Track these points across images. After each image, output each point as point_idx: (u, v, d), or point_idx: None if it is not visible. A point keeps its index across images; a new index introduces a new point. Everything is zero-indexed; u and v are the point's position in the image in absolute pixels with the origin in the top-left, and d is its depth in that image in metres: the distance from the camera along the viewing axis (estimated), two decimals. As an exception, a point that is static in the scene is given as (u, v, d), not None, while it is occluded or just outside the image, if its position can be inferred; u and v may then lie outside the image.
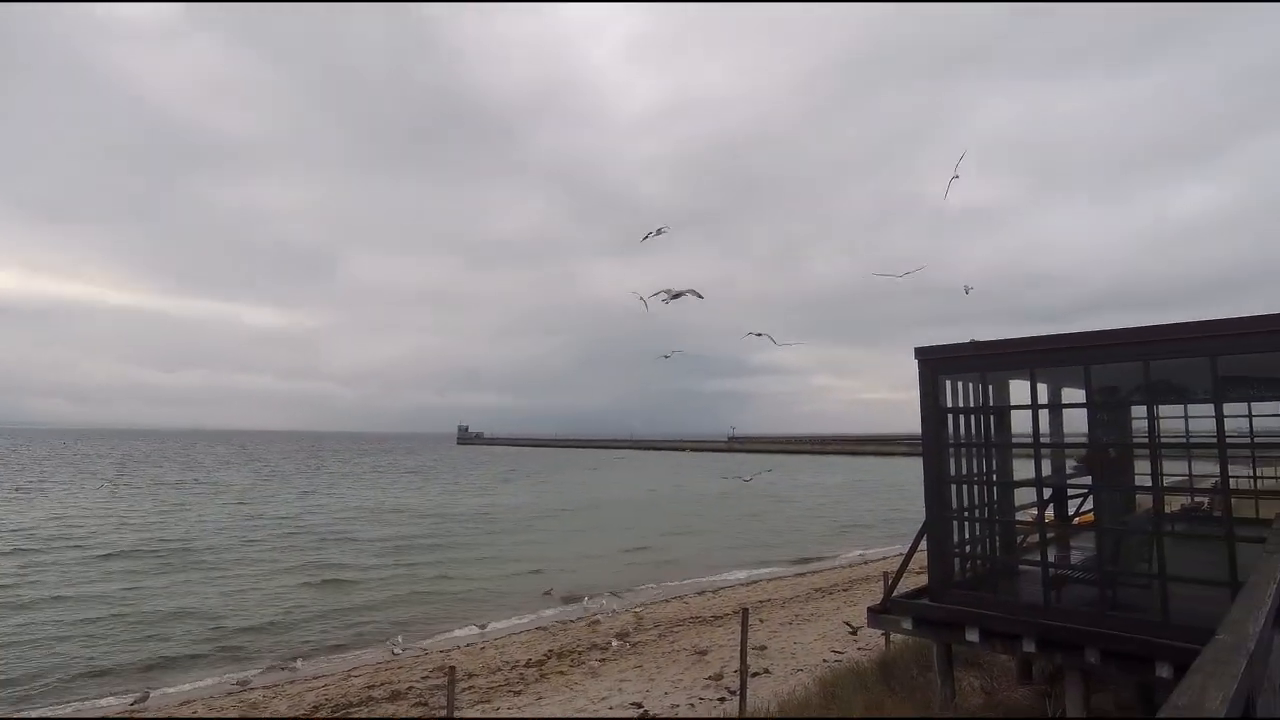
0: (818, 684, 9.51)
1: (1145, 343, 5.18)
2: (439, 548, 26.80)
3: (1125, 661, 5.23)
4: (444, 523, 33.91)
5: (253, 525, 30.31)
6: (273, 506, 38.56)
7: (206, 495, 44.59)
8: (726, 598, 18.63)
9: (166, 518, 33.00)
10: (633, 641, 13.73)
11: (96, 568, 21.26)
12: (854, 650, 11.96)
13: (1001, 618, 5.71)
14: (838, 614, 15.40)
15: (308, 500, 42.11)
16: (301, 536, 27.48)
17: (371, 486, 54.12)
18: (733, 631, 13.45)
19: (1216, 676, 1.78)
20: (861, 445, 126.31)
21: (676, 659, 12.16)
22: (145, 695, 11.60)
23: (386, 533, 29.89)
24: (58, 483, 51.12)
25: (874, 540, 30.59)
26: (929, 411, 6.12)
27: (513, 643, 14.47)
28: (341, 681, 12.02)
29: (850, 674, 9.31)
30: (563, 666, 12.17)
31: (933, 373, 6.12)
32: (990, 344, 5.92)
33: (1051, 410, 6.43)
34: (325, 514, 35.33)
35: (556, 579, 21.33)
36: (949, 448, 6.24)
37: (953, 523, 6.30)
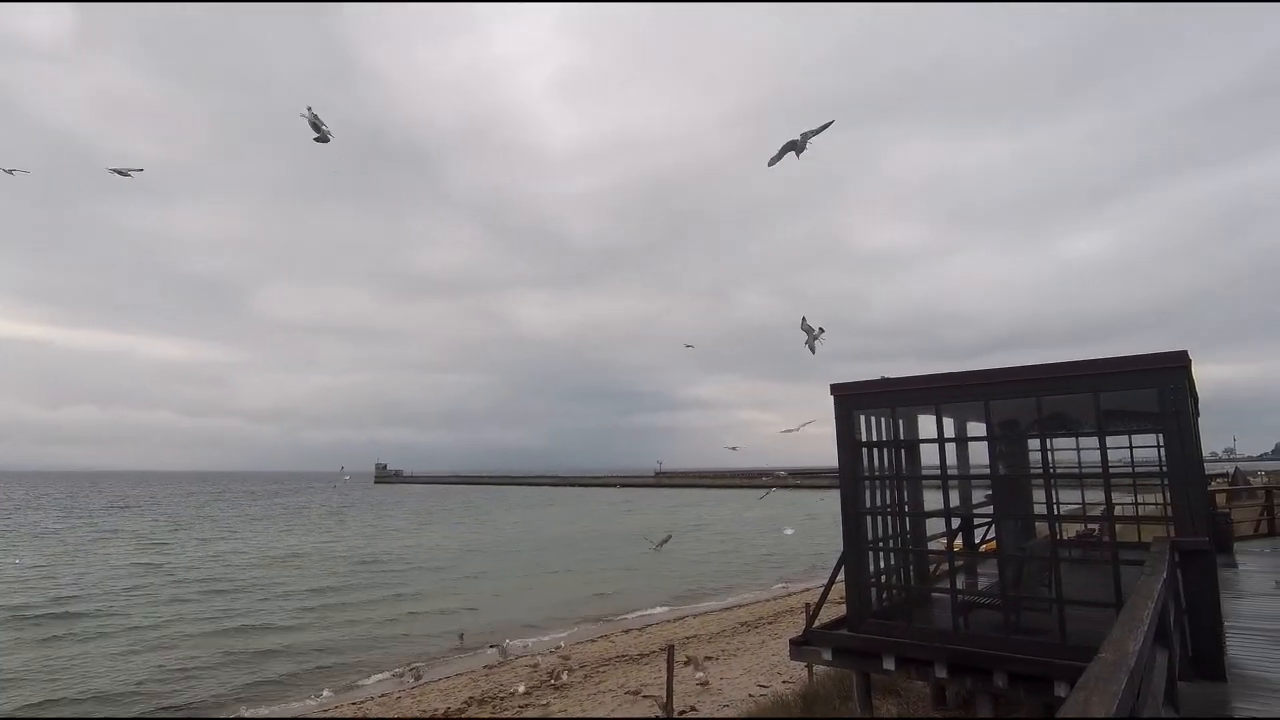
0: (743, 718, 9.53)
1: (1037, 380, 5.59)
2: (349, 591, 25.47)
3: (1030, 683, 5.49)
4: (354, 566, 32.29)
5: (144, 577, 27.89)
6: (167, 556, 35.75)
7: (91, 544, 40.98)
8: (654, 635, 18.46)
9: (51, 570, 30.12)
10: (558, 684, 13.37)
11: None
12: (779, 684, 12.04)
13: (915, 645, 5.91)
14: (763, 648, 15.50)
15: (208, 548, 39.25)
16: (196, 586, 25.49)
17: (280, 530, 51.03)
18: (660, 670, 13.31)
19: (1099, 692, 1.90)
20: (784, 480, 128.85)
21: (604, 701, 11.91)
22: None
23: (294, 580, 28.17)
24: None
25: (798, 573, 31.07)
26: (845, 445, 6.37)
27: (430, 691, 13.82)
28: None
29: (775, 707, 9.38)
30: (484, 714, 11.70)
31: (848, 408, 6.38)
32: (900, 380, 6.25)
33: (958, 443, 6.80)
34: (224, 562, 32.97)
35: (475, 621, 20.61)
36: (864, 480, 6.48)
37: (869, 553, 6.52)
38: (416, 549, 39.32)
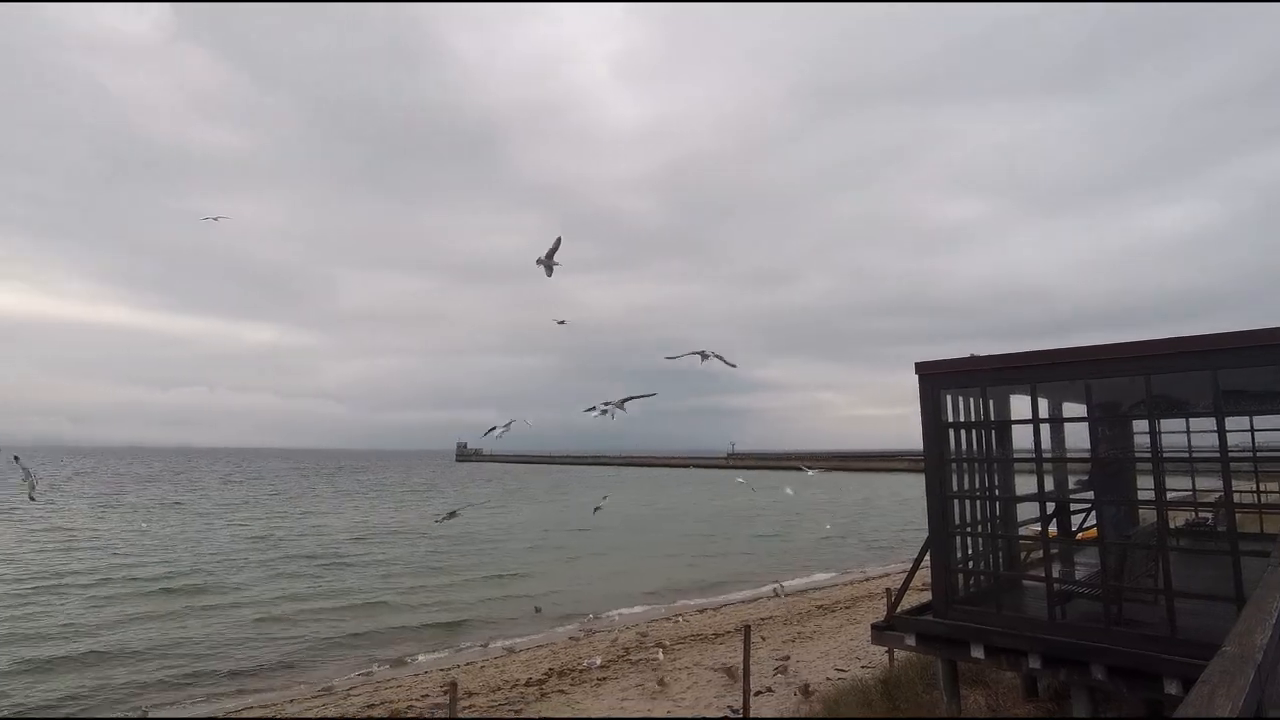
0: (821, 701, 9.44)
1: (1147, 357, 5.21)
2: (437, 565, 26.64)
3: (1132, 677, 5.20)
4: (440, 541, 33.72)
5: (259, 549, 29.88)
6: (275, 528, 38.30)
7: (209, 516, 44.42)
8: (728, 615, 18.51)
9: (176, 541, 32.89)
10: (634, 659, 13.62)
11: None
12: (858, 668, 11.86)
13: (1006, 634, 5.68)
14: (840, 632, 15.30)
15: (309, 520, 41.81)
16: (306, 560, 27.10)
17: (375, 505, 53.82)
18: (734, 649, 13.34)
19: (1224, 686, 1.78)
20: (865, 461, 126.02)
21: (678, 677, 12.06)
22: (144, 713, 11.48)
23: (385, 553, 29.70)
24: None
25: (876, 557, 30.45)
26: (930, 427, 6.14)
27: (513, 661, 14.35)
28: (341, 699, 11.91)
29: (854, 691, 9.24)
30: (563, 685, 12.06)
31: (933, 388, 6.14)
32: (991, 359, 5.95)
33: (1053, 425, 6.45)
34: (329, 535, 35.04)
35: (553, 596, 21.20)
36: (950, 463, 6.24)
37: (955, 538, 6.30)
38: (499, 526, 40.71)
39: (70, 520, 38.23)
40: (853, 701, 8.83)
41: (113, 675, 13.46)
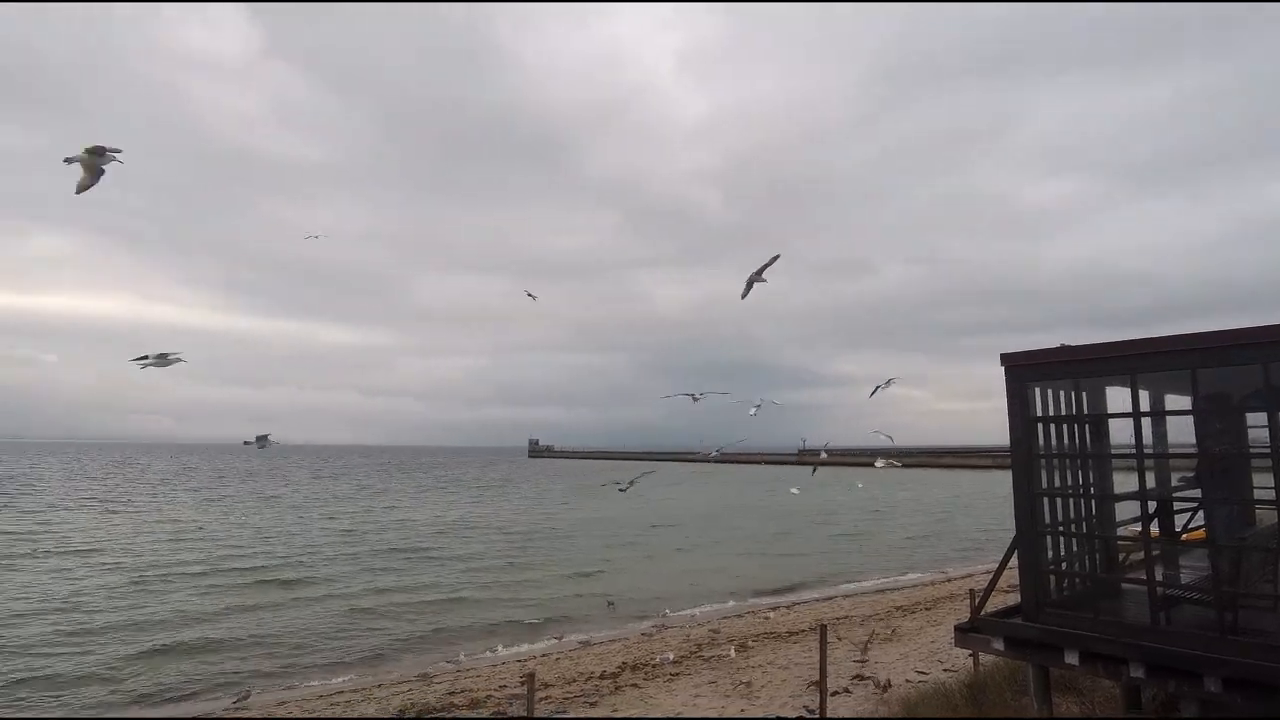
0: (900, 704, 9.16)
1: (1265, 344, 4.79)
2: (515, 558, 27.30)
3: (1251, 690, 4.80)
4: (517, 535, 34.54)
5: (347, 542, 31.26)
6: (361, 522, 40.08)
7: (301, 509, 46.95)
8: (802, 614, 18.22)
9: (273, 533, 34.95)
10: (706, 656, 13.58)
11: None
12: (939, 671, 11.45)
13: (1105, 640, 5.34)
14: (921, 633, 14.81)
15: (393, 515, 43.54)
16: (390, 554, 28.16)
17: (454, 500, 55.65)
18: (809, 649, 13.12)
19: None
20: (938, 458, 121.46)
21: (752, 674, 11.95)
22: (246, 694, 12.24)
23: (464, 547, 30.65)
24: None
25: (957, 557, 29.36)
26: (1018, 421, 5.82)
27: (587, 655, 14.56)
28: (423, 686, 12.37)
29: (936, 695, 8.93)
30: (637, 679, 12.15)
31: (1020, 380, 5.82)
32: (1084, 348, 5.60)
33: (1154, 418, 6.02)
34: (412, 529, 36.41)
35: (626, 591, 21.38)
36: (1040, 459, 5.92)
37: (1046, 538, 5.96)
38: (576, 520, 41.38)
39: (178, 513, 41.15)
40: (935, 705, 8.53)
41: (217, 661, 14.42)
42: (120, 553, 26.33)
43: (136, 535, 31.24)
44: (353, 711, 10.95)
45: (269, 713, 11.19)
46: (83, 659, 14.04)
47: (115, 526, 34.27)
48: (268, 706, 11.67)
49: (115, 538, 30.28)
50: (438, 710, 10.72)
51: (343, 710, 11.07)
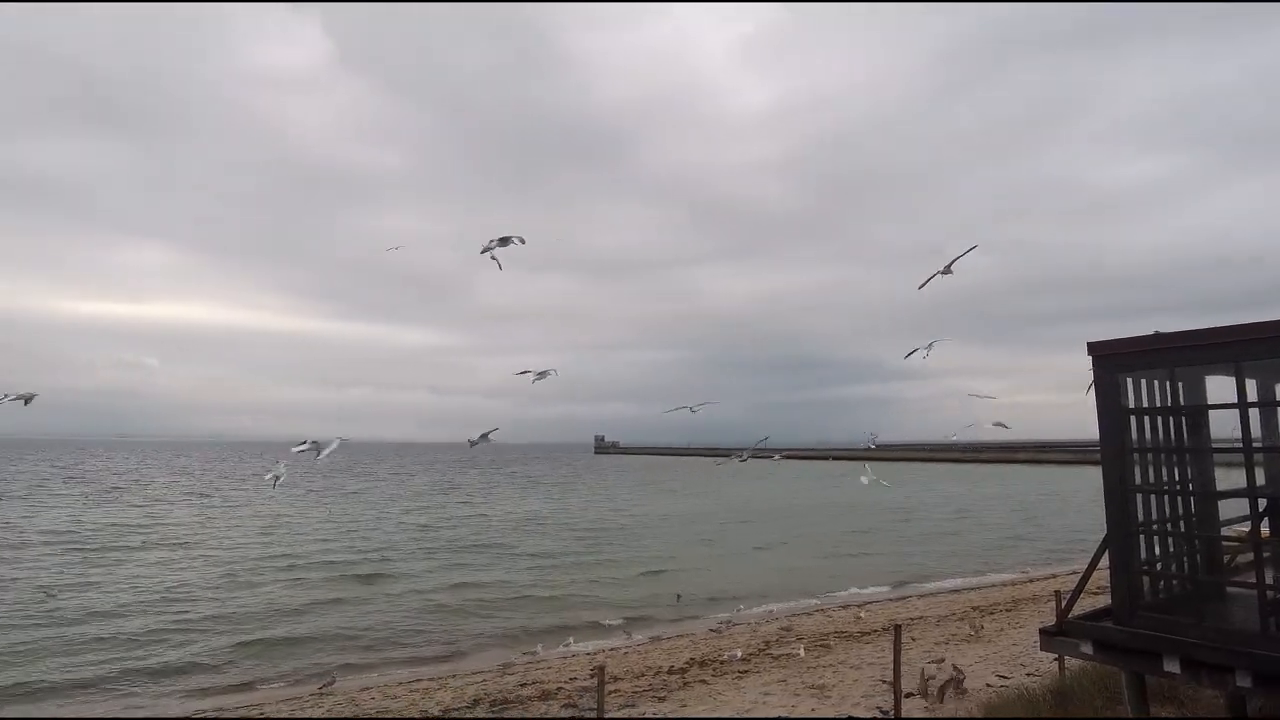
0: (981, 709, 8.82)
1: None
2: (583, 553, 27.68)
3: (1376, 705, 4.40)
4: (586, 531, 35.00)
5: (426, 536, 32.24)
6: (437, 516, 41.40)
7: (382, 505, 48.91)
8: (874, 613, 17.78)
9: (356, 527, 36.60)
10: (775, 654, 13.42)
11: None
12: (1022, 675, 10.98)
13: (1209, 646, 4.99)
14: (1001, 636, 14.23)
15: (467, 511, 44.78)
16: (465, 549, 28.91)
17: (525, 496, 56.83)
18: (882, 649, 12.79)
19: None
20: (1015, 454, 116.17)
21: (823, 674, 11.75)
22: (332, 680, 12.84)
23: (535, 542, 31.25)
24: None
25: (1037, 557, 28.09)
26: (1107, 414, 5.48)
27: (656, 649, 14.62)
28: (497, 678, 12.69)
29: (1019, 700, 8.56)
30: (705, 675, 12.12)
31: (1110, 370, 5.47)
32: (1183, 335, 5.22)
33: (1264, 409, 5.57)
34: (486, 525, 37.35)
35: (695, 587, 21.35)
36: (1133, 454, 5.57)
37: (1140, 537, 5.61)
38: (644, 516, 41.63)
39: (268, 507, 43.46)
40: (1018, 710, 8.18)
41: (305, 652, 15.20)
42: (215, 546, 28.05)
43: (230, 529, 33.21)
44: (430, 699, 11.33)
45: (353, 698, 11.71)
46: (183, 649, 15.01)
47: (211, 520, 36.56)
48: (351, 692, 12.22)
49: (210, 531, 32.32)
50: (510, 701, 10.98)
51: (420, 698, 11.48)
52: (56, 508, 41.05)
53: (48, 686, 12.61)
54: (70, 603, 18.10)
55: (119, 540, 28.67)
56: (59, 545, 27.13)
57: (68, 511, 38.90)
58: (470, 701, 11.05)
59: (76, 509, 40.75)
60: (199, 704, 12.03)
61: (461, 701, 11.07)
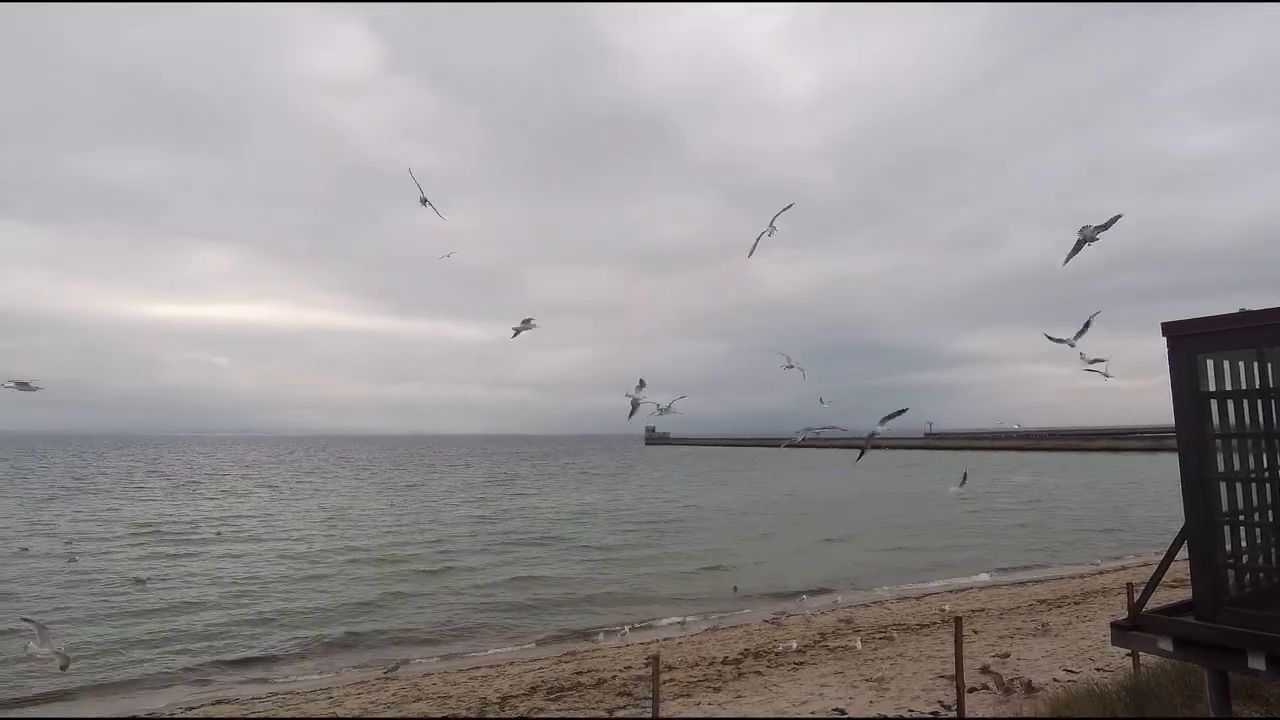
0: (1048, 705, 8.51)
1: None
2: (641, 547, 27.81)
3: None
4: (640, 523, 35.17)
5: (484, 528, 32.82)
6: (492, 508, 42.22)
7: (441, 497, 50.18)
8: (933, 605, 17.37)
9: (419, 518, 37.74)
10: (831, 646, 13.25)
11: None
12: (1091, 670, 10.55)
13: (1300, 644, 4.69)
14: (1069, 629, 13.71)
15: (521, 502, 45.53)
16: (520, 541, 29.33)
17: (573, 488, 57.51)
18: (943, 642, 12.49)
19: None
20: (1087, 440, 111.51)
21: (880, 667, 11.53)
22: (396, 665, 13.26)
23: (588, 534, 31.54)
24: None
25: (1107, 548, 26.96)
26: (1184, 398, 5.17)
27: (709, 639, 14.61)
28: (554, 665, 12.90)
29: (1089, 696, 8.21)
30: (760, 666, 12.05)
31: (1188, 351, 5.14)
32: (1271, 312, 4.88)
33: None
34: (540, 516, 37.89)
35: (754, 579, 21.25)
36: (1214, 439, 5.25)
37: (1224, 528, 5.29)
38: (698, 508, 41.62)
39: (335, 500, 45.08)
40: (1088, 707, 7.85)
41: (370, 638, 15.77)
42: (285, 538, 29.24)
43: (298, 521, 34.58)
44: (489, 686, 11.59)
45: (416, 683, 12.07)
46: (258, 639, 15.71)
47: (280, 513, 38.13)
48: (414, 677, 12.60)
49: (280, 524, 33.71)
50: (567, 689, 11.14)
51: (479, 684, 11.75)
52: (142, 501, 43.53)
53: (138, 676, 13.34)
54: (157, 594, 19.12)
55: (197, 532, 30.19)
56: (145, 537, 28.74)
57: (152, 505, 41.18)
58: (528, 689, 11.26)
59: (159, 502, 43.12)
60: (269, 689, 12.59)
61: (519, 689, 11.29)
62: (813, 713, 9.44)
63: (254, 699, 11.77)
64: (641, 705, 9.75)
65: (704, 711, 9.76)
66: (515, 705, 10.44)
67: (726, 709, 9.83)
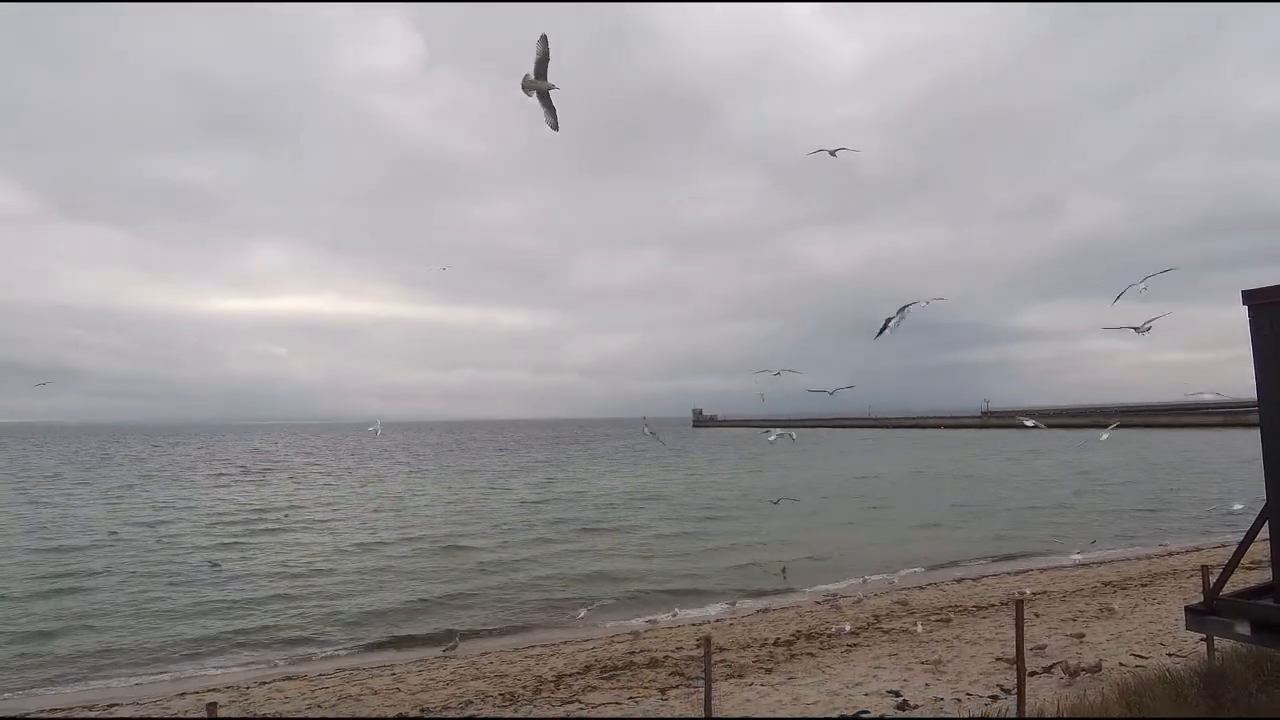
0: (1115, 690, 8.21)
1: None
2: (690, 528, 27.94)
3: None
4: (690, 506, 35.26)
5: (537, 513, 33.14)
6: (551, 494, 42.72)
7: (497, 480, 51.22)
8: (990, 587, 16.98)
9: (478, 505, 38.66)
10: (886, 628, 13.09)
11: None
12: (1162, 655, 10.17)
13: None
14: (1136, 612, 13.24)
15: (576, 486, 46.03)
16: (577, 523, 29.75)
17: (627, 471, 57.93)
18: (1001, 625, 12.21)
19: None
20: (1154, 417, 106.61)
21: (936, 649, 11.34)
22: (455, 644, 13.66)
23: (647, 517, 31.70)
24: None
25: (1177, 529, 25.86)
26: (1270, 366, 4.89)
27: (761, 620, 14.61)
28: (607, 645, 13.09)
29: (1161, 683, 7.89)
30: (812, 648, 12.00)
31: (1272, 321, 4.87)
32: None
33: None
34: (595, 499, 38.33)
35: (806, 561, 21.17)
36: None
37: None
38: (748, 490, 41.49)
39: (392, 486, 46.40)
40: (1161, 694, 7.54)
41: (431, 620, 16.26)
42: (345, 523, 30.26)
43: (358, 507, 35.75)
44: (544, 665, 11.85)
45: (474, 661, 12.42)
46: (327, 622, 16.40)
47: (341, 499, 39.55)
48: (471, 655, 12.97)
49: (343, 510, 34.95)
50: (620, 668, 11.30)
51: (534, 663, 12.02)
52: (215, 489, 45.73)
53: (214, 651, 14.10)
54: (230, 576, 20.08)
55: (264, 518, 31.55)
56: (218, 522, 30.25)
57: (223, 492, 43.24)
58: (581, 668, 11.46)
59: (226, 489, 45.24)
60: (335, 664, 13.15)
61: (573, 667, 11.50)
62: (866, 695, 9.36)
63: (321, 675, 12.30)
64: (694, 685, 9.81)
65: (756, 693, 9.77)
66: (570, 684, 10.65)
67: (779, 690, 9.83)
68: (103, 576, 19.87)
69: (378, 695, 10.67)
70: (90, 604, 17.13)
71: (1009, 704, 8.33)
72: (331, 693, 10.92)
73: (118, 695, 11.68)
